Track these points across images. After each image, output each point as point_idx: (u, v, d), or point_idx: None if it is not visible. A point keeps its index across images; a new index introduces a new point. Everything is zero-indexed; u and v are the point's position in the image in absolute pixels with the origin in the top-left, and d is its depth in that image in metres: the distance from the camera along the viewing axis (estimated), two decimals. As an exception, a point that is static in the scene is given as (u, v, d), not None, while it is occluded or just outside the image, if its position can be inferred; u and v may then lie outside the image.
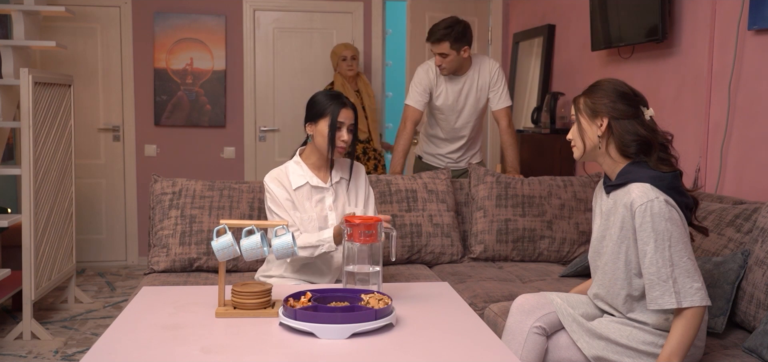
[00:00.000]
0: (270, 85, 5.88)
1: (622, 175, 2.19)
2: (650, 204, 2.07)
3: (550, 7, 5.16)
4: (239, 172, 5.87)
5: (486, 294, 2.98)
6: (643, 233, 2.09)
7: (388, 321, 1.98)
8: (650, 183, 2.11)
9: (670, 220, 2.07)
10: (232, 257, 2.15)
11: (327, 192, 2.73)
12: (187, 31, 5.69)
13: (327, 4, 5.88)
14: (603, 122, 2.19)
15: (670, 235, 2.06)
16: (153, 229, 3.33)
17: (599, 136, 2.21)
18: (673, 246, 2.06)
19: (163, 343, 1.88)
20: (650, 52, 3.84)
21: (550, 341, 2.30)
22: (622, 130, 2.17)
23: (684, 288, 2.05)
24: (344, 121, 2.66)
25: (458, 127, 4.04)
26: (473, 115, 4.02)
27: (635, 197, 2.10)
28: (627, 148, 2.17)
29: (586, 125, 2.23)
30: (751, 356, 2.30)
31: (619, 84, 2.23)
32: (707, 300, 2.07)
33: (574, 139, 2.28)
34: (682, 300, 2.05)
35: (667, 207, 2.08)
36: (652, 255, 2.07)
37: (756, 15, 2.99)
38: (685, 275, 2.06)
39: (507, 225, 3.56)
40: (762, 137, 3.03)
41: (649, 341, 2.18)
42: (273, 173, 2.75)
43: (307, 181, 2.71)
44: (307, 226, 2.68)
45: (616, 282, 2.22)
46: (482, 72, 3.96)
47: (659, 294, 2.07)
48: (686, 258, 2.07)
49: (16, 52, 4.32)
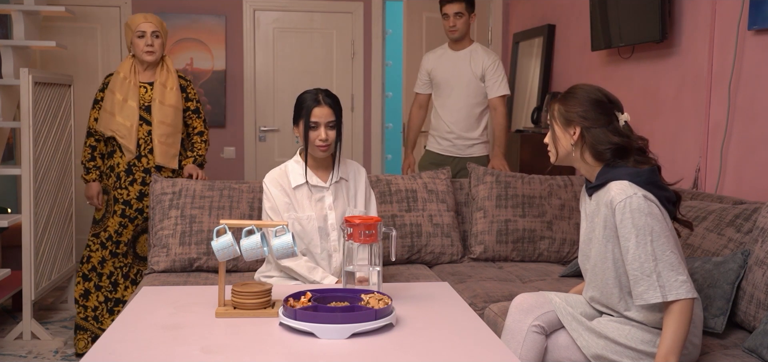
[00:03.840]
0: (270, 85, 5.89)
1: (601, 176, 2.21)
2: (629, 201, 2.08)
3: (550, 7, 5.16)
4: (239, 172, 5.87)
5: (486, 294, 2.98)
6: (624, 229, 2.09)
7: (388, 321, 1.98)
8: (628, 180, 2.12)
9: (650, 215, 2.07)
10: (232, 257, 2.15)
11: (326, 191, 2.73)
12: (187, 31, 5.69)
13: (327, 4, 5.88)
14: (576, 131, 2.21)
15: (651, 230, 2.06)
16: (153, 229, 3.33)
17: (572, 144, 2.23)
18: (654, 240, 2.06)
19: (163, 343, 1.88)
20: (650, 52, 3.84)
21: (549, 340, 2.30)
22: (594, 139, 2.19)
23: (668, 282, 2.05)
24: (319, 120, 2.63)
25: (452, 101, 4.25)
26: (464, 92, 4.22)
27: (614, 195, 2.11)
28: (601, 155, 2.19)
29: (559, 133, 2.25)
30: (751, 356, 2.30)
31: (592, 91, 2.23)
32: (693, 292, 2.07)
33: (550, 145, 2.31)
34: (668, 294, 2.05)
35: (646, 202, 2.08)
36: (634, 251, 2.08)
37: (756, 15, 2.99)
38: (669, 268, 2.06)
39: (507, 225, 3.56)
40: (762, 137, 3.03)
41: (649, 340, 2.18)
42: (272, 173, 2.76)
43: (306, 180, 2.71)
44: (306, 225, 2.69)
45: (608, 282, 2.22)
46: (479, 56, 4.24)
47: (644, 288, 2.07)
48: (669, 251, 2.07)
49: (16, 52, 4.32)
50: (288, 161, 2.79)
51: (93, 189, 3.77)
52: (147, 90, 3.74)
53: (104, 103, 3.71)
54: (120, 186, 3.70)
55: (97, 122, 3.75)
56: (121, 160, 3.70)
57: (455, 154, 4.28)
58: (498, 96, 4.20)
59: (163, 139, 3.70)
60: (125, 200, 3.69)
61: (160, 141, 3.69)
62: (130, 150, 3.67)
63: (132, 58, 3.75)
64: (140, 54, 3.69)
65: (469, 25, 4.22)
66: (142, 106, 3.69)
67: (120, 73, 3.72)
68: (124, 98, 3.66)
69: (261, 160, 5.89)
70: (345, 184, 2.79)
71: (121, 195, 3.69)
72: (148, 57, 3.69)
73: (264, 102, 5.88)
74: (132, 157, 3.69)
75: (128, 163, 3.69)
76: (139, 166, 3.71)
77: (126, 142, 3.66)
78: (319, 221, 2.70)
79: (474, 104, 4.23)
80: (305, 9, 5.87)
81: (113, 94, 3.68)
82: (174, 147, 3.74)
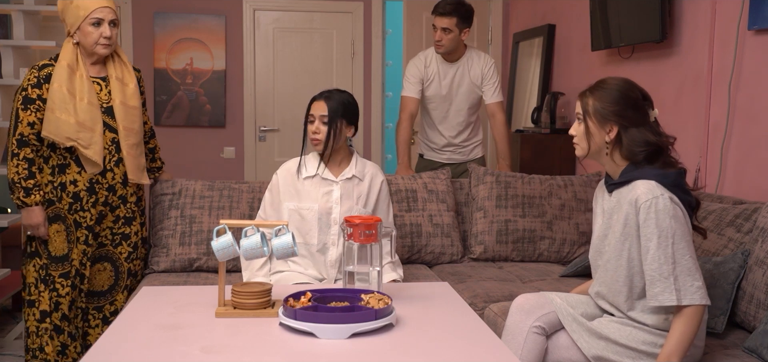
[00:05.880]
0: (270, 85, 5.89)
1: (626, 173, 2.19)
2: (655, 201, 2.07)
3: (550, 7, 5.16)
4: (239, 172, 5.87)
5: (486, 294, 2.98)
6: (647, 229, 2.09)
7: (388, 321, 1.98)
8: (656, 180, 2.11)
9: (674, 218, 2.07)
10: (232, 257, 2.15)
11: (335, 186, 2.78)
12: (187, 31, 5.69)
13: (327, 4, 5.88)
14: (612, 129, 2.18)
15: (673, 233, 2.06)
16: (153, 229, 3.34)
17: (607, 142, 2.20)
18: (675, 243, 2.06)
19: (163, 343, 1.88)
20: (650, 52, 3.84)
21: (549, 341, 2.30)
22: (631, 140, 2.16)
23: (684, 286, 2.05)
24: (315, 114, 2.72)
25: (451, 116, 4.06)
26: (465, 104, 4.03)
27: (640, 193, 2.10)
28: (635, 156, 2.16)
29: (594, 129, 2.20)
30: (751, 356, 2.30)
31: (627, 88, 2.20)
32: (707, 300, 2.08)
33: (579, 140, 2.25)
34: (683, 298, 2.05)
35: (671, 205, 2.08)
36: (654, 252, 2.08)
37: (756, 15, 2.99)
38: (686, 273, 2.06)
39: (507, 225, 3.56)
40: (762, 137, 3.03)
41: (649, 341, 2.18)
42: (288, 162, 2.86)
43: (318, 172, 2.78)
44: (305, 215, 2.76)
45: (618, 279, 2.22)
46: (476, 62, 4.00)
47: (660, 290, 2.07)
48: (688, 256, 2.07)
49: (16, 52, 4.31)
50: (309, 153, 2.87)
51: (38, 215, 2.91)
52: (101, 87, 3.00)
53: (49, 102, 2.88)
54: (80, 209, 2.97)
55: (34, 128, 2.90)
56: (80, 177, 2.95)
57: (454, 161, 4.15)
58: (496, 101, 4.01)
59: (132, 150, 3.03)
60: (88, 225, 2.98)
61: (129, 152, 3.01)
62: (95, 163, 2.94)
63: (75, 46, 2.95)
64: (91, 45, 2.92)
65: (460, 42, 3.90)
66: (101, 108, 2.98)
67: (63, 62, 2.91)
68: (80, 96, 2.91)
69: (261, 160, 5.89)
70: (358, 182, 2.82)
71: (84, 219, 2.98)
72: (103, 50, 2.95)
73: (264, 102, 5.88)
74: (95, 172, 2.96)
75: (90, 180, 2.97)
76: (102, 182, 2.99)
77: (90, 154, 2.92)
78: (321, 213, 2.73)
79: (472, 111, 4.08)
80: (305, 9, 5.87)
81: (61, 91, 2.88)
82: (142, 157, 3.10)
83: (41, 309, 2.98)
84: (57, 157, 2.95)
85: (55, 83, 2.88)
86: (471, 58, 4.01)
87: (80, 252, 2.99)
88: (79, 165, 2.95)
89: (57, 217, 2.96)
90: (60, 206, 2.96)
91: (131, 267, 3.16)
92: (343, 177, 2.79)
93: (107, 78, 3.02)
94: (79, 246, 2.98)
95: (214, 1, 5.75)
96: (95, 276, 3.09)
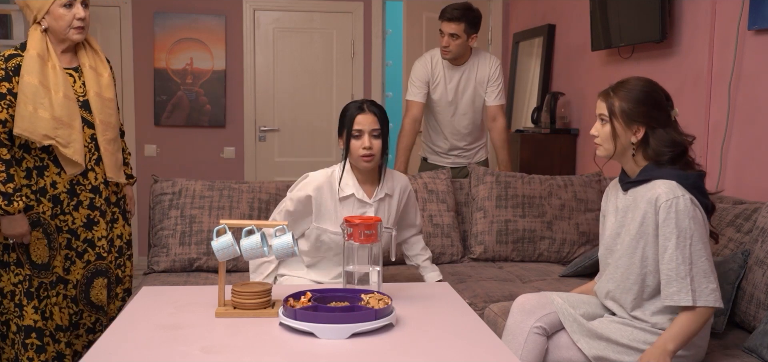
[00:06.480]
0: (270, 85, 5.88)
1: (645, 172, 2.19)
2: (676, 201, 2.08)
3: (550, 7, 5.16)
4: (239, 172, 5.87)
5: (486, 294, 2.99)
6: (666, 229, 2.09)
7: (388, 321, 1.98)
8: (676, 180, 2.12)
9: (693, 219, 2.08)
10: (232, 257, 2.15)
11: (369, 208, 2.59)
12: (187, 31, 5.69)
13: (327, 4, 5.88)
14: (639, 130, 2.18)
15: (691, 234, 2.07)
16: (153, 229, 3.34)
17: (632, 143, 2.19)
18: (693, 245, 2.07)
19: (163, 343, 1.88)
20: (650, 52, 3.84)
21: (550, 341, 2.30)
22: (658, 140, 2.16)
23: (700, 288, 2.07)
24: (362, 127, 2.46)
25: (456, 121, 4.01)
26: (470, 108, 3.99)
27: (661, 193, 2.10)
28: (662, 156, 2.16)
29: (620, 130, 2.19)
30: (751, 356, 2.30)
31: (651, 88, 2.20)
32: (721, 303, 2.10)
33: (603, 141, 2.23)
34: (698, 299, 2.07)
35: (692, 206, 2.09)
36: (672, 252, 2.08)
37: (756, 15, 2.99)
38: (702, 275, 2.08)
39: (507, 226, 3.56)
40: (762, 137, 3.03)
41: (650, 341, 2.18)
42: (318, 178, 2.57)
43: (353, 192, 2.56)
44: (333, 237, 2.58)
45: (629, 277, 2.21)
46: (482, 65, 3.95)
47: (675, 290, 2.08)
48: (705, 258, 2.09)
49: (16, 52, 4.31)
50: (332, 167, 2.62)
51: (23, 224, 2.63)
52: (74, 79, 2.74)
53: (21, 96, 2.59)
54: (62, 212, 2.74)
55: (6, 125, 2.60)
56: (60, 178, 2.72)
57: (458, 164, 4.11)
58: (498, 104, 3.97)
59: (109, 146, 2.78)
60: (70, 228, 2.76)
61: (106, 149, 2.77)
62: (76, 163, 2.69)
63: (43, 34, 2.68)
64: (63, 30, 2.66)
65: (467, 47, 3.86)
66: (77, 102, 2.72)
67: (31, 51, 2.62)
68: (55, 89, 2.64)
69: (261, 160, 5.89)
70: (389, 201, 2.64)
71: (66, 223, 2.75)
72: (76, 35, 2.69)
73: (264, 102, 5.88)
74: (76, 173, 2.72)
75: (71, 181, 2.74)
76: (84, 183, 2.75)
77: (71, 153, 2.66)
78: None
79: (478, 113, 4.04)
80: (305, 9, 5.87)
81: (34, 84, 2.60)
82: (119, 153, 2.86)
83: (25, 325, 2.70)
84: (32, 159, 2.69)
85: (25, 75, 2.59)
86: (477, 61, 3.96)
87: (63, 258, 2.78)
88: (57, 166, 2.70)
89: (36, 224, 2.70)
90: (38, 211, 2.70)
91: (119, 273, 2.95)
92: (376, 197, 2.59)
93: (79, 68, 2.76)
94: (61, 252, 2.76)
95: (214, 1, 5.75)
96: (97, 290, 2.86)
